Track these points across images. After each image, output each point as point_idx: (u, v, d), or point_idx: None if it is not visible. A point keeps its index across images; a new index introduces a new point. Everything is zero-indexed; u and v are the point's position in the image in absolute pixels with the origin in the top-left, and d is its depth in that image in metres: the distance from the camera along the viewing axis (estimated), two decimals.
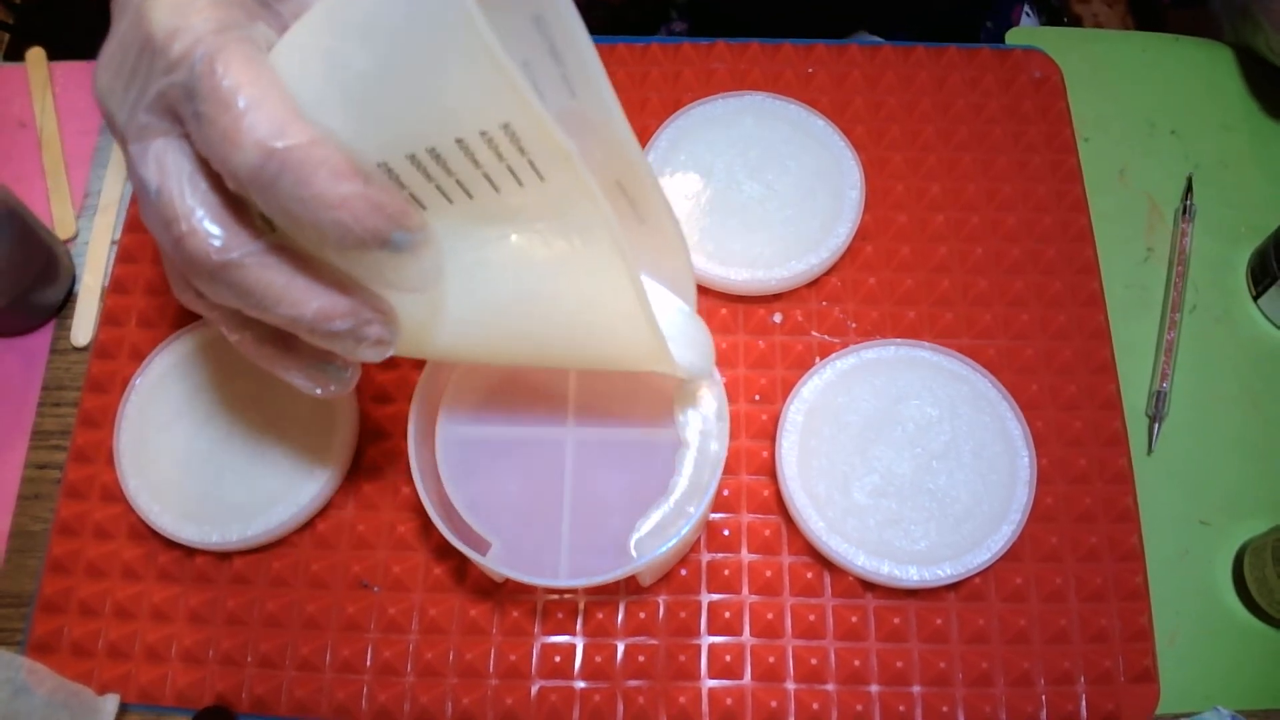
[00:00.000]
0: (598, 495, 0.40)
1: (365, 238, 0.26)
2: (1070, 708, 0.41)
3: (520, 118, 0.25)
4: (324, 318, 0.28)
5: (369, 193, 0.25)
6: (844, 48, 0.54)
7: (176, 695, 0.42)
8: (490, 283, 0.31)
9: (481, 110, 0.25)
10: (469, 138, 0.25)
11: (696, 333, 0.38)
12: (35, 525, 0.46)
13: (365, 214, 0.25)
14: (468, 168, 0.26)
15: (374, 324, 0.29)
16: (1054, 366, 0.47)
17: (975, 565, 0.41)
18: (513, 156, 0.26)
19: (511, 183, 0.27)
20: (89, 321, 0.50)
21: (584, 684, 0.41)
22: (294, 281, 0.28)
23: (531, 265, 0.30)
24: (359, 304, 0.29)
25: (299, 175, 0.25)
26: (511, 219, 0.29)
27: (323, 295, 0.28)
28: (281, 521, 0.42)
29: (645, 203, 0.35)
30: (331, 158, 0.25)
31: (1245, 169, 0.53)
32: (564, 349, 0.35)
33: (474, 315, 0.32)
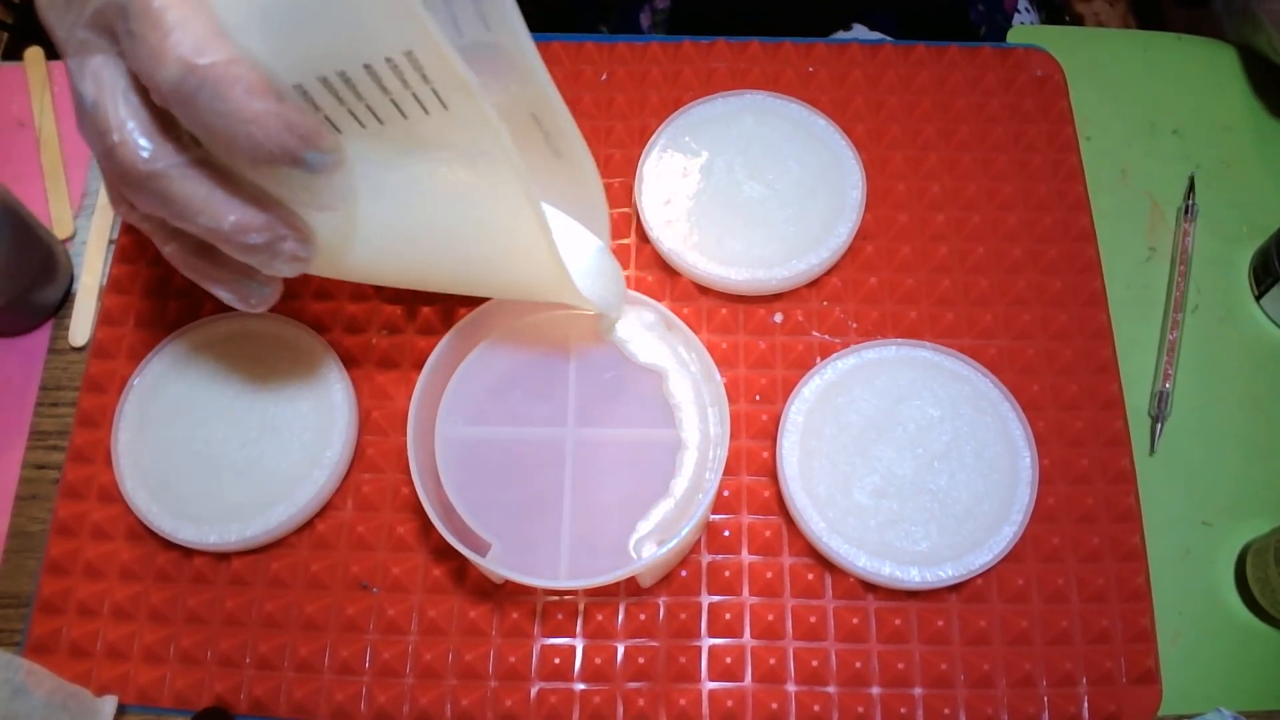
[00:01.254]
0: (598, 496, 0.40)
1: (276, 153, 0.28)
2: (1072, 709, 0.41)
3: (422, 46, 0.26)
4: (240, 230, 0.30)
5: (282, 110, 0.27)
6: (844, 47, 0.54)
7: (175, 696, 0.42)
8: (402, 207, 0.33)
9: (386, 37, 0.26)
10: (376, 63, 0.27)
11: (607, 267, 0.40)
12: (33, 526, 0.46)
13: (277, 131, 0.27)
14: (376, 93, 0.28)
15: (289, 239, 0.31)
16: (1055, 366, 0.47)
17: (977, 566, 0.41)
18: (417, 84, 0.28)
19: (417, 110, 0.29)
20: (87, 321, 0.49)
21: (584, 686, 0.41)
22: (214, 194, 0.29)
23: (440, 192, 0.32)
24: (275, 219, 0.31)
25: (216, 91, 0.26)
26: (421, 146, 0.30)
27: (240, 209, 0.30)
28: (280, 522, 0.42)
29: (560, 137, 0.36)
30: (248, 76, 0.27)
31: (1247, 168, 0.53)
32: (472, 275, 0.37)
33: (386, 238, 0.34)
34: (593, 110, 0.53)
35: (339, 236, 0.33)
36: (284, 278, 0.34)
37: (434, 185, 0.32)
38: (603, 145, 0.52)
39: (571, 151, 0.36)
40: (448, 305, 0.48)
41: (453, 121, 0.29)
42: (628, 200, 0.51)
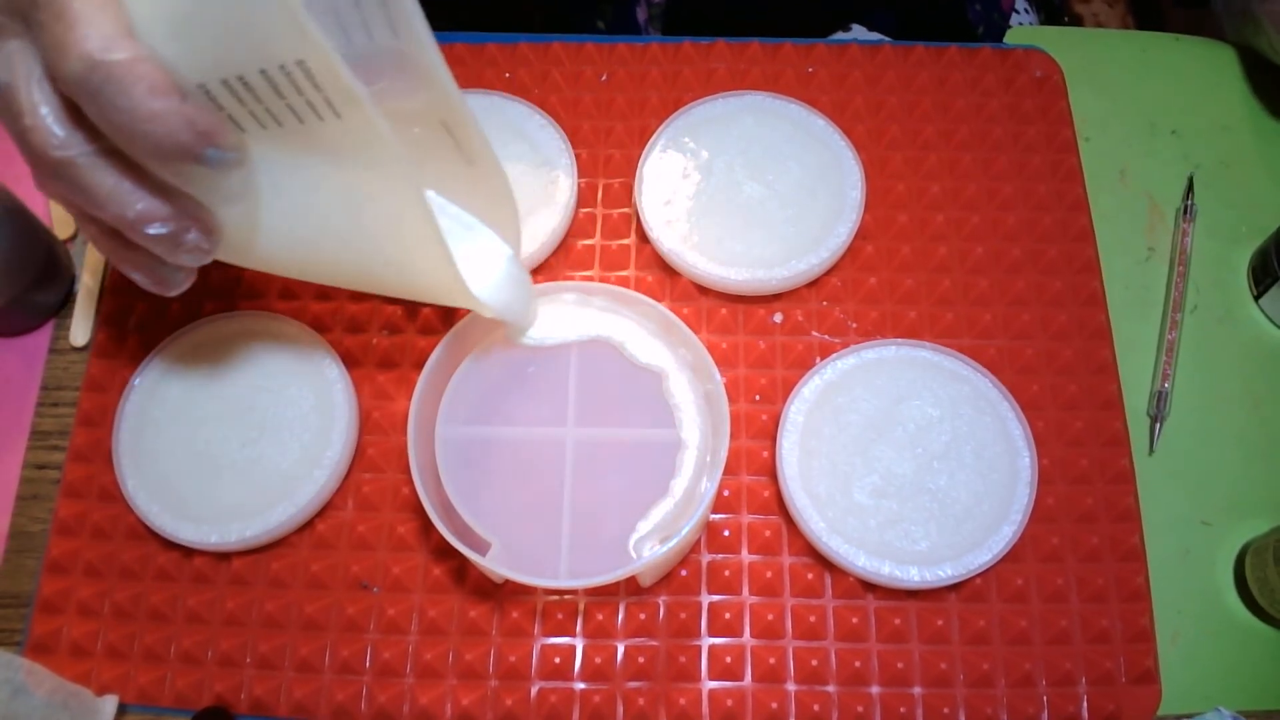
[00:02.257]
0: (598, 496, 0.40)
1: (175, 150, 0.29)
2: (1071, 709, 0.41)
3: (313, 57, 0.27)
4: (144, 220, 0.31)
5: (183, 109, 0.28)
6: (844, 47, 0.54)
7: (175, 696, 0.42)
8: (304, 205, 0.34)
9: (278, 46, 0.27)
10: (271, 70, 0.28)
11: (515, 274, 0.40)
12: (34, 525, 0.46)
13: (177, 128, 0.28)
14: (273, 98, 0.29)
15: (191, 231, 0.32)
16: (1055, 366, 0.47)
17: (976, 566, 0.41)
18: (310, 92, 0.29)
19: (313, 116, 0.30)
20: (87, 321, 0.49)
21: (584, 685, 0.41)
22: (121, 184, 0.30)
23: (339, 193, 0.33)
24: (178, 212, 0.32)
25: (118, 87, 0.27)
26: (321, 149, 0.31)
27: (145, 200, 0.31)
28: (281, 522, 0.42)
29: (470, 145, 0.37)
30: (151, 74, 0.28)
31: (1246, 169, 0.53)
32: (372, 275, 0.38)
33: (290, 234, 0.35)
34: (593, 110, 0.53)
35: (244, 230, 0.34)
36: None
37: (333, 186, 0.33)
38: (603, 145, 0.52)
39: (481, 160, 0.37)
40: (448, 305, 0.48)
41: (347, 129, 0.30)
42: (628, 200, 0.51)
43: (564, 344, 0.43)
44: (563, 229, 0.49)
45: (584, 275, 0.49)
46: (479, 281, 0.39)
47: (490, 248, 0.40)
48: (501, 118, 0.51)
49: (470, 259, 0.39)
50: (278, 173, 0.33)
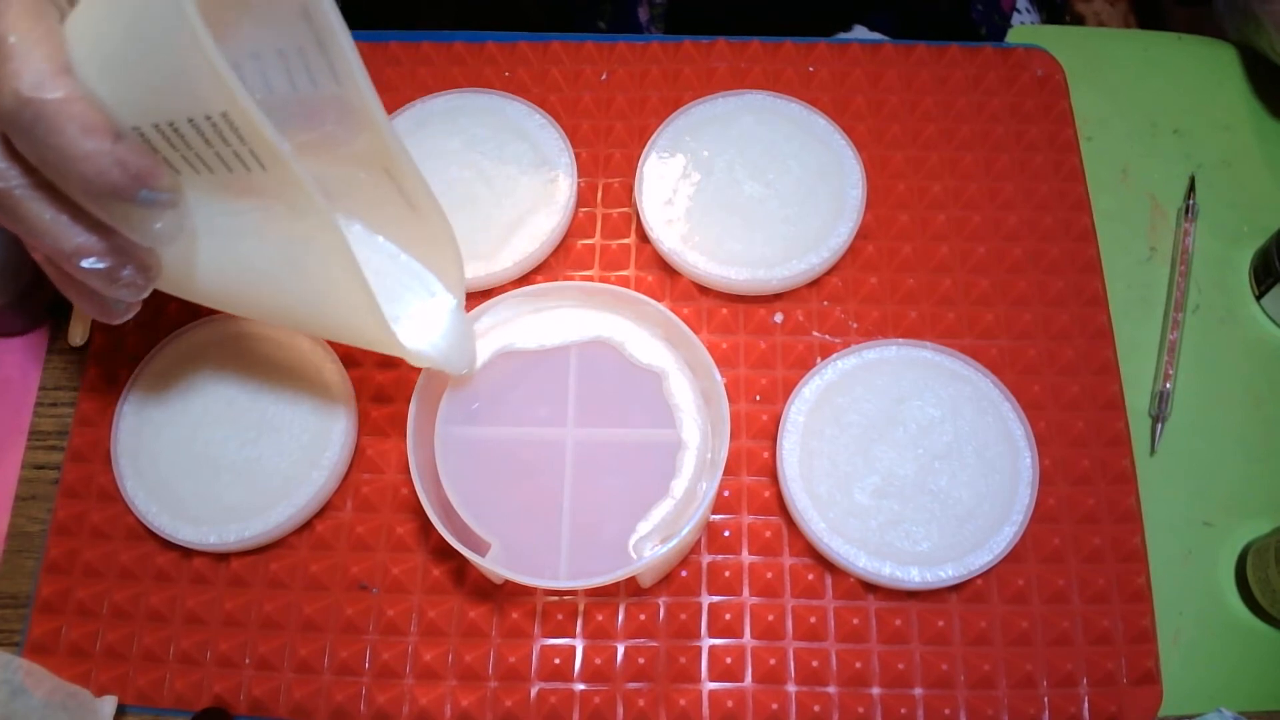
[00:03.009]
0: (597, 496, 0.40)
1: (106, 190, 0.29)
2: (1073, 710, 0.41)
3: (235, 111, 0.28)
4: (79, 255, 0.31)
5: (116, 150, 0.28)
6: (845, 46, 0.54)
7: (174, 697, 0.42)
8: (239, 248, 0.34)
9: (203, 98, 0.28)
10: (198, 120, 0.28)
11: (457, 325, 0.40)
12: (32, 526, 0.46)
13: (107, 169, 0.28)
14: (201, 145, 0.29)
15: (127, 267, 0.32)
16: (1056, 366, 0.47)
17: (977, 566, 0.41)
18: (236, 144, 0.29)
19: (240, 166, 0.30)
20: (86, 322, 0.49)
21: (584, 686, 0.41)
22: (58, 219, 0.30)
23: (273, 239, 0.33)
24: (114, 247, 0.32)
25: (50, 126, 0.27)
26: (253, 195, 0.32)
27: (81, 235, 0.31)
28: (280, 522, 0.42)
29: (413, 193, 0.37)
30: (85, 114, 0.28)
31: (1248, 168, 0.53)
32: (309, 320, 0.38)
33: (226, 273, 0.35)
34: (593, 110, 0.53)
35: (181, 267, 0.35)
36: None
37: (267, 232, 0.33)
38: (603, 145, 0.52)
39: (424, 208, 0.37)
40: None
41: (272, 182, 0.30)
42: (628, 200, 0.51)
43: (564, 344, 0.43)
44: (562, 229, 0.49)
45: (584, 275, 0.49)
46: (417, 330, 0.39)
47: (433, 299, 0.40)
48: (501, 117, 0.51)
49: (411, 307, 0.39)
50: (213, 214, 0.33)
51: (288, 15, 0.32)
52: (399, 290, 0.40)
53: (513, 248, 0.48)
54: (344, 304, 0.35)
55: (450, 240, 0.38)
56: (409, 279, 0.40)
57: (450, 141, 0.50)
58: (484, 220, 0.48)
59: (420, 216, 0.38)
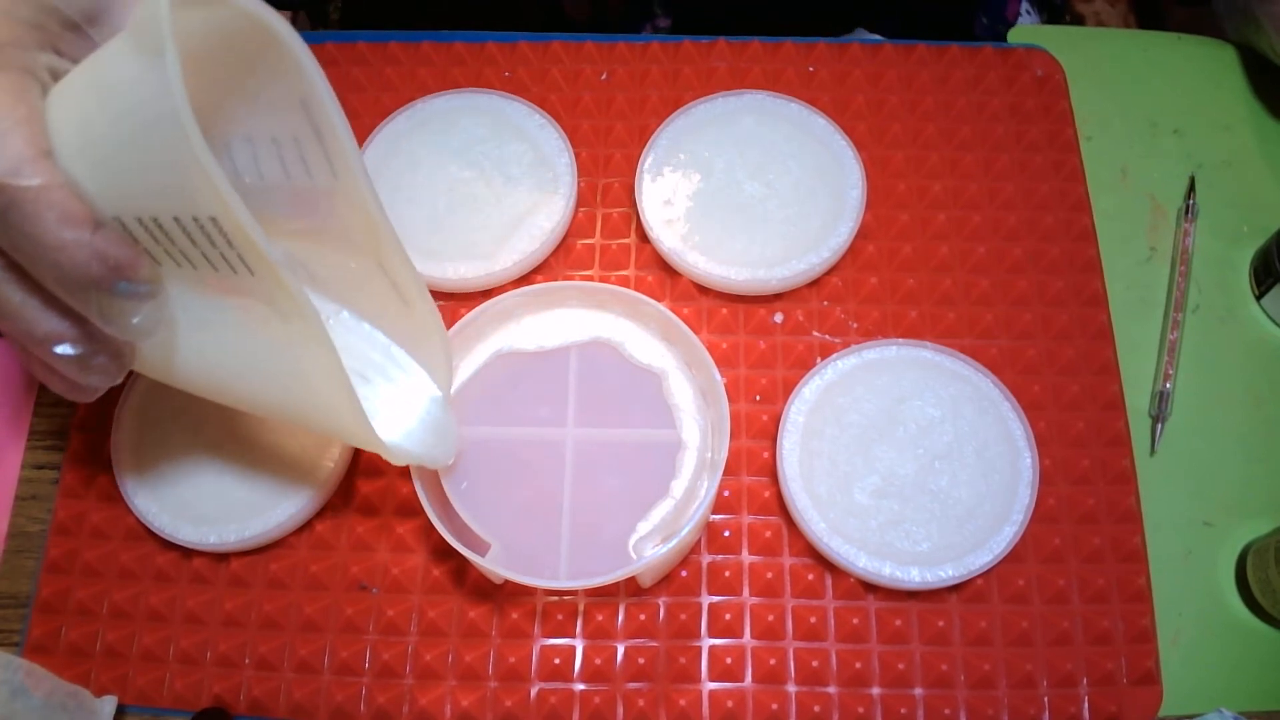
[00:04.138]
0: (597, 496, 0.40)
1: (81, 282, 0.27)
2: (1073, 710, 0.41)
3: (226, 218, 0.27)
4: (50, 341, 0.29)
5: (95, 241, 0.27)
6: (845, 46, 0.54)
7: (174, 697, 0.42)
8: (218, 342, 0.33)
9: (191, 200, 0.26)
10: (184, 219, 0.27)
11: (440, 420, 0.39)
12: (32, 526, 0.46)
13: (84, 261, 0.27)
14: (186, 244, 0.28)
15: (100, 355, 0.31)
16: (1056, 366, 0.47)
17: (977, 566, 0.41)
18: (224, 247, 0.28)
19: (226, 267, 0.29)
20: None
21: (584, 686, 0.41)
22: (28, 302, 0.29)
23: (255, 336, 0.32)
24: (87, 334, 0.30)
25: (26, 213, 0.26)
26: (237, 293, 0.31)
27: (52, 321, 0.29)
28: (279, 522, 0.42)
29: (404, 286, 0.36)
30: (64, 203, 0.26)
31: (1248, 168, 0.53)
32: (290, 415, 0.37)
33: (203, 365, 0.34)
34: (593, 110, 0.53)
35: (157, 356, 0.33)
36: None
37: (250, 329, 0.32)
38: (603, 145, 0.52)
39: (414, 302, 0.37)
40: (449, 305, 0.48)
41: (260, 284, 0.29)
42: (628, 200, 0.51)
43: (564, 344, 0.43)
44: (562, 228, 0.49)
45: (584, 275, 0.49)
46: (397, 421, 0.38)
47: (418, 389, 0.40)
48: (501, 117, 0.51)
49: (394, 398, 0.39)
50: (193, 306, 0.32)
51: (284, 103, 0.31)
52: (382, 381, 0.39)
53: (513, 248, 0.48)
54: (327, 406, 0.34)
55: (440, 334, 0.38)
56: (393, 369, 0.39)
57: (450, 141, 0.50)
58: (484, 220, 0.48)
59: (411, 309, 0.37)
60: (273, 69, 0.30)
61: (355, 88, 0.54)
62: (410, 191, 0.49)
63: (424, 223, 0.48)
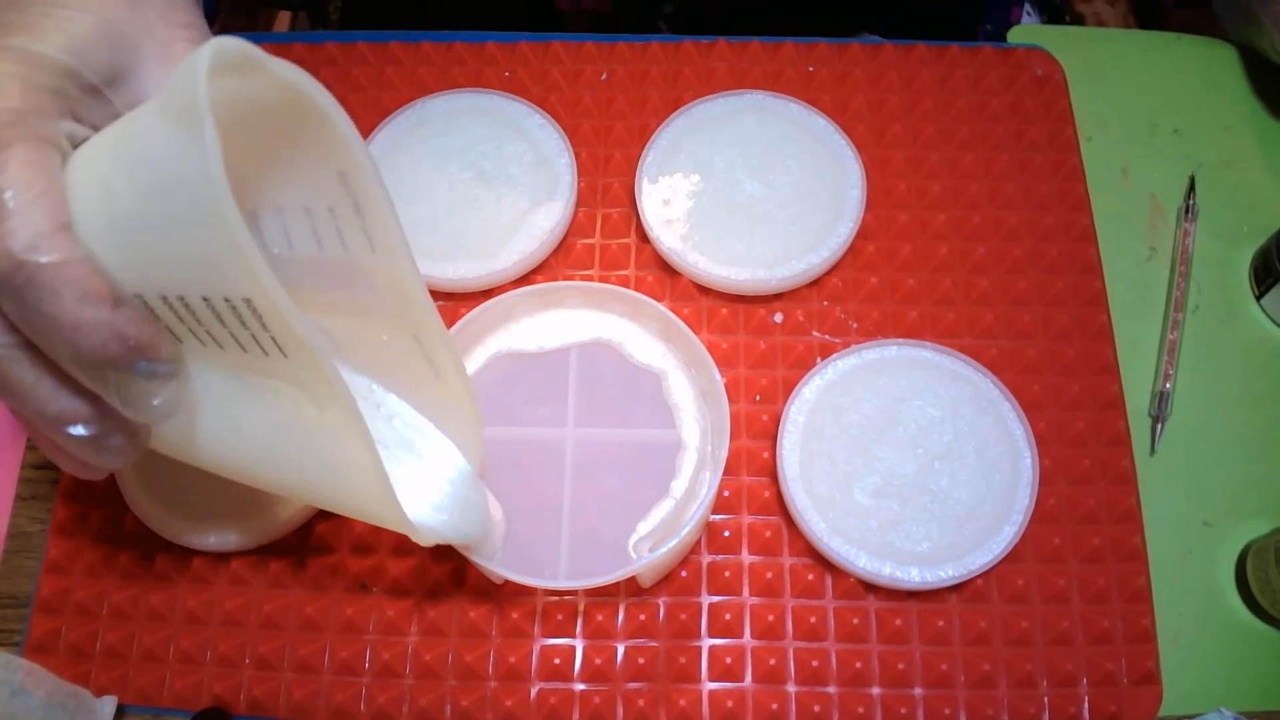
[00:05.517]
0: (598, 496, 0.40)
1: (100, 361, 0.26)
2: (1073, 710, 0.41)
3: (261, 300, 0.25)
4: (63, 422, 0.28)
5: (114, 319, 0.26)
6: (845, 46, 0.54)
7: (174, 697, 0.42)
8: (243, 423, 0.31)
9: (224, 280, 0.25)
10: (214, 299, 0.26)
11: (471, 497, 0.37)
12: (32, 526, 0.46)
13: (103, 341, 0.26)
14: (215, 324, 0.27)
15: (115, 435, 0.29)
16: (1056, 367, 0.47)
17: (977, 566, 0.41)
18: (256, 329, 0.26)
19: (257, 350, 0.27)
20: None
21: (584, 686, 0.41)
22: (41, 381, 0.27)
23: (283, 420, 0.31)
24: (101, 413, 0.29)
25: (43, 291, 0.25)
26: (266, 375, 0.29)
27: (66, 400, 0.28)
28: (280, 522, 0.42)
29: (439, 361, 0.35)
30: (84, 280, 0.25)
31: (1248, 168, 0.53)
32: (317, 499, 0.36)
33: (224, 447, 0.32)
34: (593, 110, 0.53)
35: (175, 436, 0.32)
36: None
37: (279, 413, 0.31)
38: (603, 145, 0.52)
39: (449, 378, 0.35)
40: (449, 305, 0.48)
41: (293, 369, 0.28)
42: (628, 200, 0.51)
43: (564, 345, 0.43)
44: (562, 228, 0.49)
45: (584, 275, 0.49)
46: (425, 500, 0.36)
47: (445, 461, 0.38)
48: (501, 117, 0.51)
49: (422, 475, 0.37)
50: (216, 386, 0.30)
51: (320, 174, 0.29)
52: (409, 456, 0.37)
53: (512, 247, 0.48)
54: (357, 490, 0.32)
55: (473, 408, 0.36)
56: (422, 443, 0.38)
57: (450, 141, 0.50)
58: (484, 220, 0.48)
59: (444, 382, 0.35)
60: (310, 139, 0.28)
61: (355, 88, 0.54)
62: (410, 191, 0.49)
63: (424, 223, 0.48)
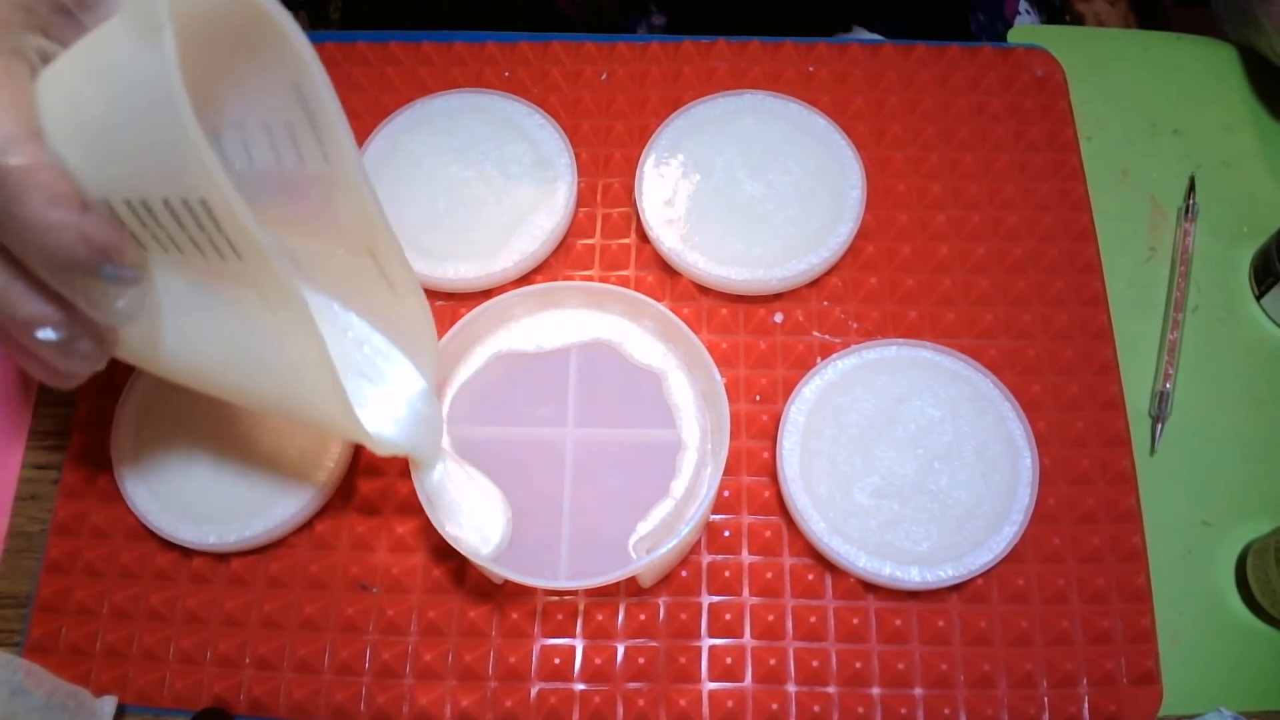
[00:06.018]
0: (598, 496, 0.40)
1: (68, 264, 0.27)
2: (1073, 710, 0.41)
3: (216, 199, 0.26)
4: (33, 324, 0.29)
5: (81, 223, 0.27)
6: (845, 46, 0.54)
7: (174, 697, 0.42)
8: (205, 328, 0.33)
9: (183, 180, 0.26)
10: (173, 201, 0.27)
11: (426, 411, 0.39)
12: (33, 526, 0.46)
13: (72, 243, 0.27)
14: (174, 227, 0.28)
15: (82, 339, 0.30)
16: (1056, 366, 0.47)
17: (977, 566, 0.41)
18: (212, 231, 0.28)
19: (214, 253, 0.29)
20: None
21: (584, 686, 0.41)
22: (11, 284, 0.28)
23: (241, 323, 0.32)
24: (70, 318, 0.29)
25: (14, 193, 0.26)
26: (224, 279, 0.30)
27: (35, 304, 0.29)
28: (279, 522, 0.42)
29: (393, 274, 0.36)
30: (52, 183, 0.26)
31: (1248, 168, 0.53)
32: (277, 407, 0.37)
33: (187, 352, 0.33)
34: (593, 110, 0.53)
35: (140, 343, 0.33)
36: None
37: (237, 317, 0.32)
38: (603, 145, 0.52)
39: (402, 290, 0.36)
40: (449, 305, 0.48)
41: (247, 270, 0.29)
42: (628, 200, 0.51)
43: (564, 345, 0.43)
44: (562, 229, 0.49)
45: (584, 275, 0.49)
46: (383, 413, 0.38)
47: (404, 380, 0.39)
48: (501, 117, 0.51)
49: (380, 392, 0.38)
50: (179, 293, 0.31)
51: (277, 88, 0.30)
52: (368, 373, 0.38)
53: (512, 247, 0.48)
54: (313, 396, 0.34)
55: (427, 323, 0.37)
56: (381, 361, 0.39)
57: (450, 141, 0.50)
58: (484, 220, 0.48)
59: (399, 298, 0.37)
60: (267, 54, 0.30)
61: (355, 88, 0.54)
62: (410, 191, 0.49)
63: (424, 222, 0.48)
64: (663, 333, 0.43)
